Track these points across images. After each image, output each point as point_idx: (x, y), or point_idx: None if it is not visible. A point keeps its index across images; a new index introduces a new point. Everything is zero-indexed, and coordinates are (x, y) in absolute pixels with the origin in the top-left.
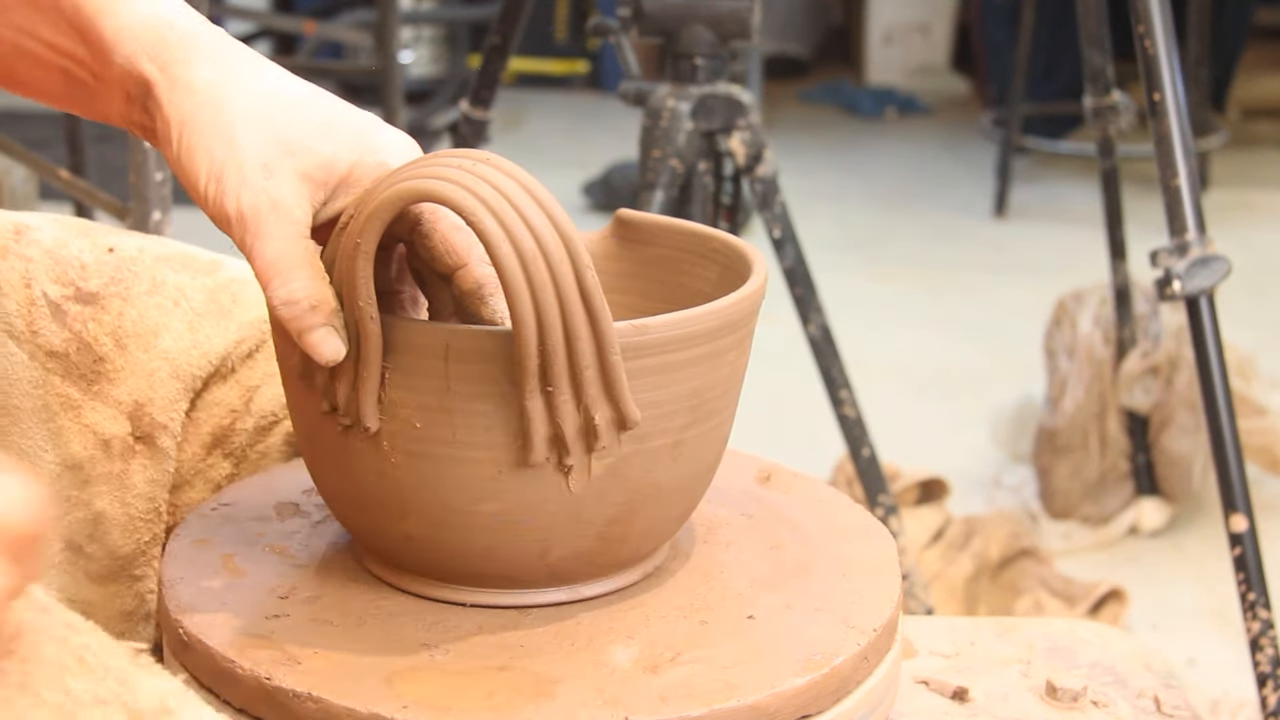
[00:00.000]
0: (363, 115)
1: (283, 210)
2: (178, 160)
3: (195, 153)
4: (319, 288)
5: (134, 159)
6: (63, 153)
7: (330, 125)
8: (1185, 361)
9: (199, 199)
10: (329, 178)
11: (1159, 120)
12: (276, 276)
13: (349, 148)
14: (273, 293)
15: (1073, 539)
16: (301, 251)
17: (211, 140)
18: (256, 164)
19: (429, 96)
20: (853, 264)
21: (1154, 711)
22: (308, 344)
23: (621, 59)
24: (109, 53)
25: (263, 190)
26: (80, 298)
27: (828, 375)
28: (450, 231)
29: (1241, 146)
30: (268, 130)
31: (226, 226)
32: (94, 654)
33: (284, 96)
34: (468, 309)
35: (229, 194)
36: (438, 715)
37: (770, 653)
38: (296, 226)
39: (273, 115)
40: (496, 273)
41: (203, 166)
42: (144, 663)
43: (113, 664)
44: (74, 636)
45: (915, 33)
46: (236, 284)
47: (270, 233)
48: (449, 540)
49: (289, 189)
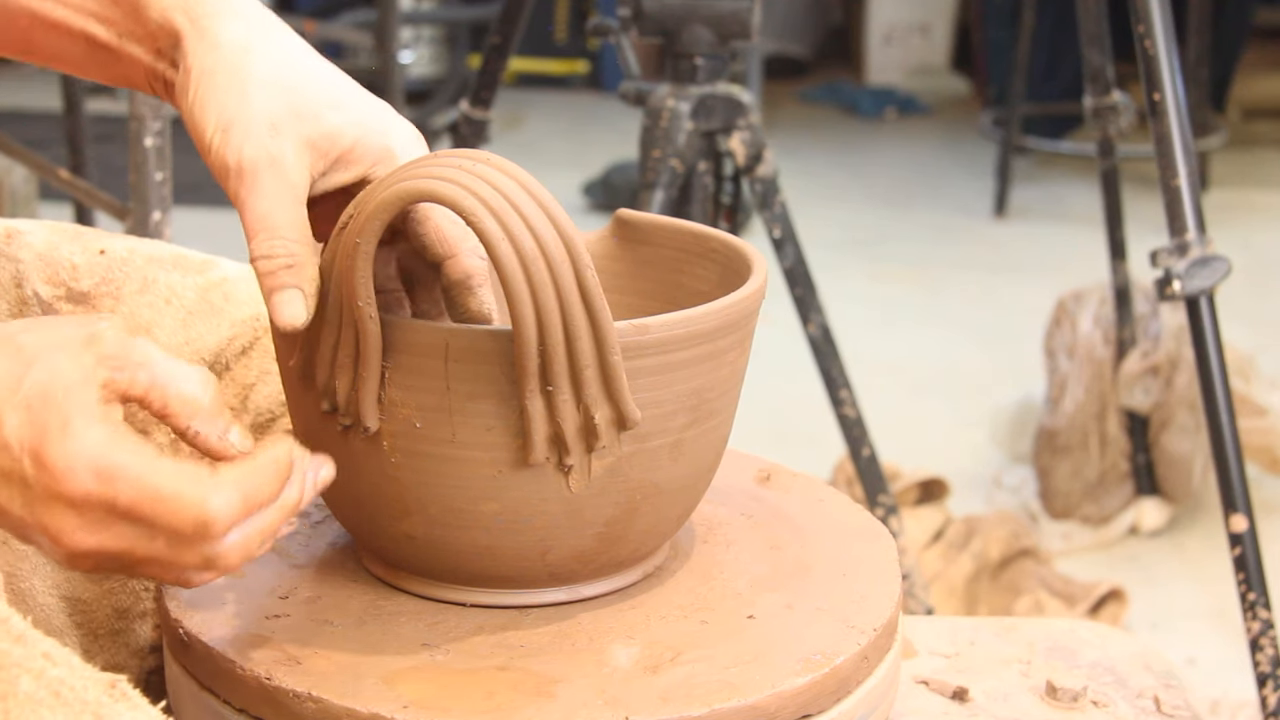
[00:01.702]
0: (374, 100)
1: (281, 169)
2: (190, 109)
3: (207, 103)
4: (299, 250)
5: (134, 159)
6: (63, 153)
7: (341, 101)
8: (1185, 361)
9: (203, 149)
10: (331, 149)
11: (1159, 120)
12: (262, 231)
13: (356, 124)
14: (254, 246)
15: (1073, 539)
16: (291, 212)
17: (225, 93)
18: (265, 122)
19: (429, 96)
20: (853, 264)
21: (1154, 711)
22: (273, 303)
23: (621, 59)
24: (144, 8)
25: (265, 147)
26: (72, 297)
27: (828, 375)
28: (444, 221)
29: (1241, 146)
30: (281, 93)
31: (224, 177)
32: (70, 688)
33: (304, 66)
34: (455, 299)
35: (232, 145)
36: (438, 715)
37: (770, 653)
38: (292, 189)
39: (289, 80)
40: (497, 273)
41: (212, 117)
42: (120, 694)
43: (89, 697)
44: (51, 669)
45: (915, 33)
46: (228, 283)
47: (264, 188)
48: (449, 540)
49: (291, 151)
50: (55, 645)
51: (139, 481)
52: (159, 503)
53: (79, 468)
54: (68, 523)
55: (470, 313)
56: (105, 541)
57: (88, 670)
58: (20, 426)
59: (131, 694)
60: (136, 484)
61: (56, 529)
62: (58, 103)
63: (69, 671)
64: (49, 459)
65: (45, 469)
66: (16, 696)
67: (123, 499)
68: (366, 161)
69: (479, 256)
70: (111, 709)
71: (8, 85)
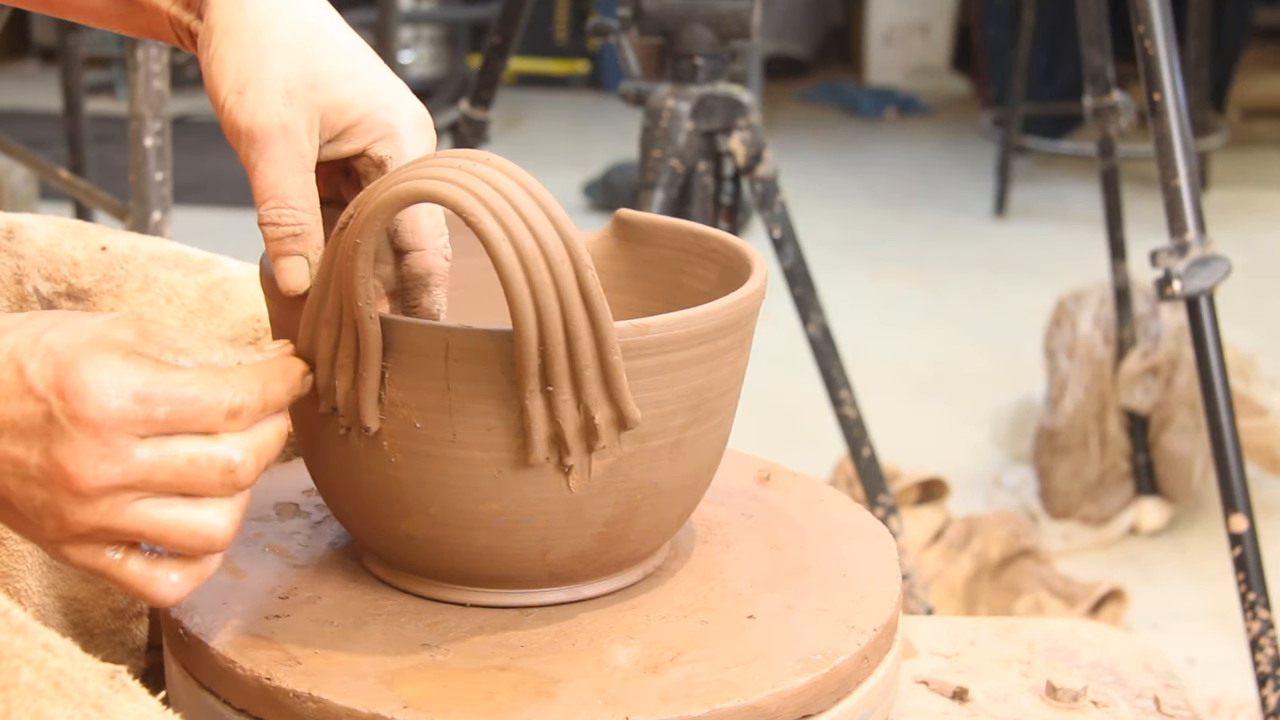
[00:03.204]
0: (389, 75)
1: (292, 137)
2: (208, 65)
3: (225, 63)
4: (306, 219)
5: (134, 159)
6: (63, 153)
7: (357, 73)
8: (1185, 361)
9: (217, 107)
10: (340, 120)
11: (1159, 120)
12: (273, 198)
13: (366, 97)
14: (264, 212)
15: (1073, 539)
16: (300, 180)
17: (244, 54)
18: (280, 88)
19: (429, 96)
20: (853, 264)
21: (1154, 711)
22: (279, 268)
23: (621, 59)
24: None
25: (279, 114)
26: (72, 294)
27: (828, 375)
28: (422, 214)
29: (1241, 146)
30: (299, 60)
31: (235, 139)
32: (70, 679)
33: (324, 33)
34: (410, 293)
35: (245, 108)
36: (438, 715)
37: (770, 653)
38: (302, 158)
39: (308, 47)
40: (497, 273)
41: (229, 77)
42: (120, 685)
43: (89, 688)
44: (51, 660)
45: (915, 33)
46: (229, 282)
47: (275, 155)
48: (449, 540)
49: (303, 119)
50: (55, 637)
51: (169, 390)
52: (187, 403)
53: (107, 383)
54: (90, 454)
55: (421, 309)
56: (125, 473)
57: (88, 661)
58: (42, 367)
59: (131, 685)
60: (166, 392)
61: (75, 469)
62: (58, 103)
63: (69, 663)
64: (76, 382)
65: (72, 393)
66: (17, 687)
67: (160, 409)
68: (370, 136)
69: (444, 256)
70: (112, 700)
71: (8, 85)
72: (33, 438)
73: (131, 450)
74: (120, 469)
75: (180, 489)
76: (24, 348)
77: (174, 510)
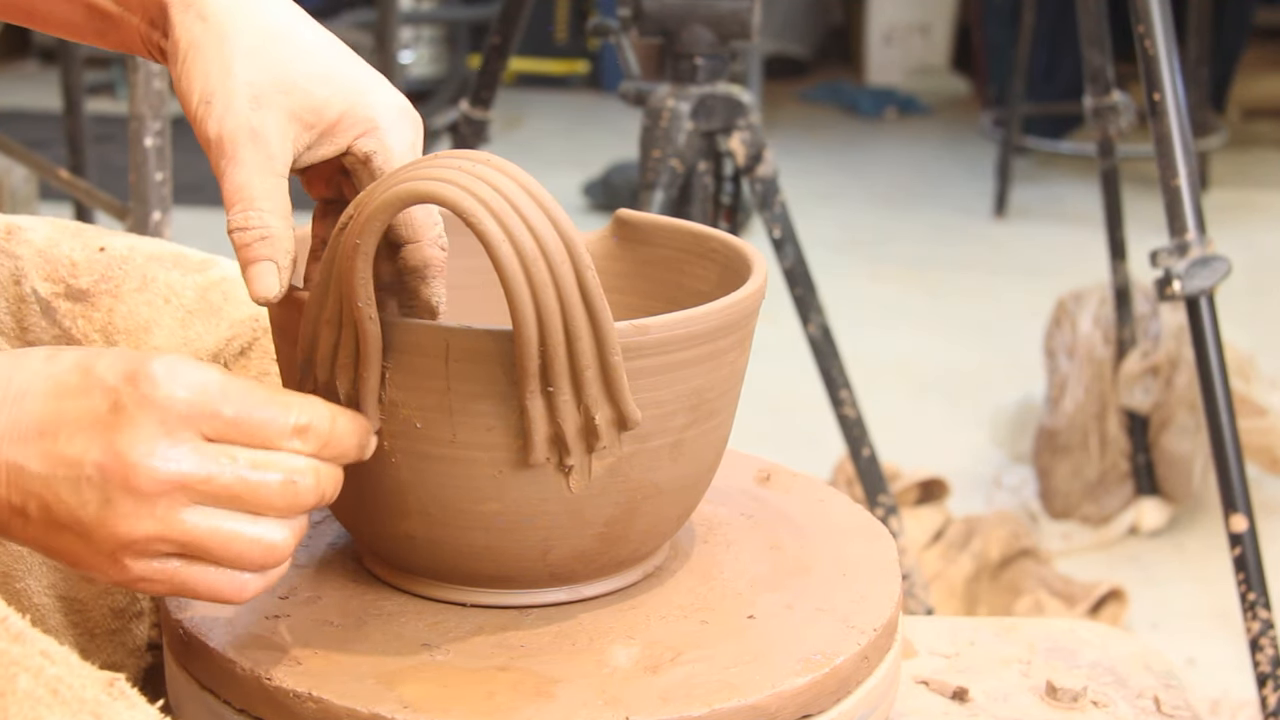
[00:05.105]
0: (365, 70)
1: (261, 142)
2: (178, 81)
3: (193, 75)
4: (275, 223)
5: (134, 159)
6: (63, 153)
7: (330, 73)
8: (1185, 361)
9: (190, 118)
10: (317, 121)
11: (1159, 120)
12: (239, 202)
13: (342, 95)
14: (231, 217)
15: (1073, 539)
16: (268, 183)
17: (209, 65)
18: (246, 95)
19: (429, 96)
20: (853, 264)
21: (1154, 711)
22: (248, 275)
23: (621, 59)
24: None
25: (245, 120)
26: (70, 295)
27: (828, 375)
28: (415, 208)
29: (1241, 146)
30: (267, 66)
31: (207, 148)
32: (68, 686)
33: (291, 36)
34: (408, 285)
35: (213, 118)
36: (438, 715)
37: (770, 653)
38: (272, 161)
39: (275, 52)
40: (497, 273)
41: (197, 88)
42: (118, 692)
43: (88, 695)
44: (49, 667)
45: (915, 33)
46: (228, 282)
47: (243, 160)
48: (449, 540)
49: (273, 124)
50: (53, 643)
51: (240, 393)
52: (256, 407)
53: (180, 372)
54: (154, 441)
55: (420, 300)
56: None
57: (86, 668)
58: (114, 362)
59: (130, 693)
60: (238, 395)
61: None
62: (58, 103)
63: (67, 670)
64: (151, 369)
65: (145, 377)
66: (15, 694)
67: (228, 407)
68: (352, 133)
69: (440, 247)
70: (110, 707)
71: (8, 85)
72: (94, 432)
73: (196, 445)
74: (183, 464)
75: (240, 497)
76: (92, 354)
77: (233, 523)
